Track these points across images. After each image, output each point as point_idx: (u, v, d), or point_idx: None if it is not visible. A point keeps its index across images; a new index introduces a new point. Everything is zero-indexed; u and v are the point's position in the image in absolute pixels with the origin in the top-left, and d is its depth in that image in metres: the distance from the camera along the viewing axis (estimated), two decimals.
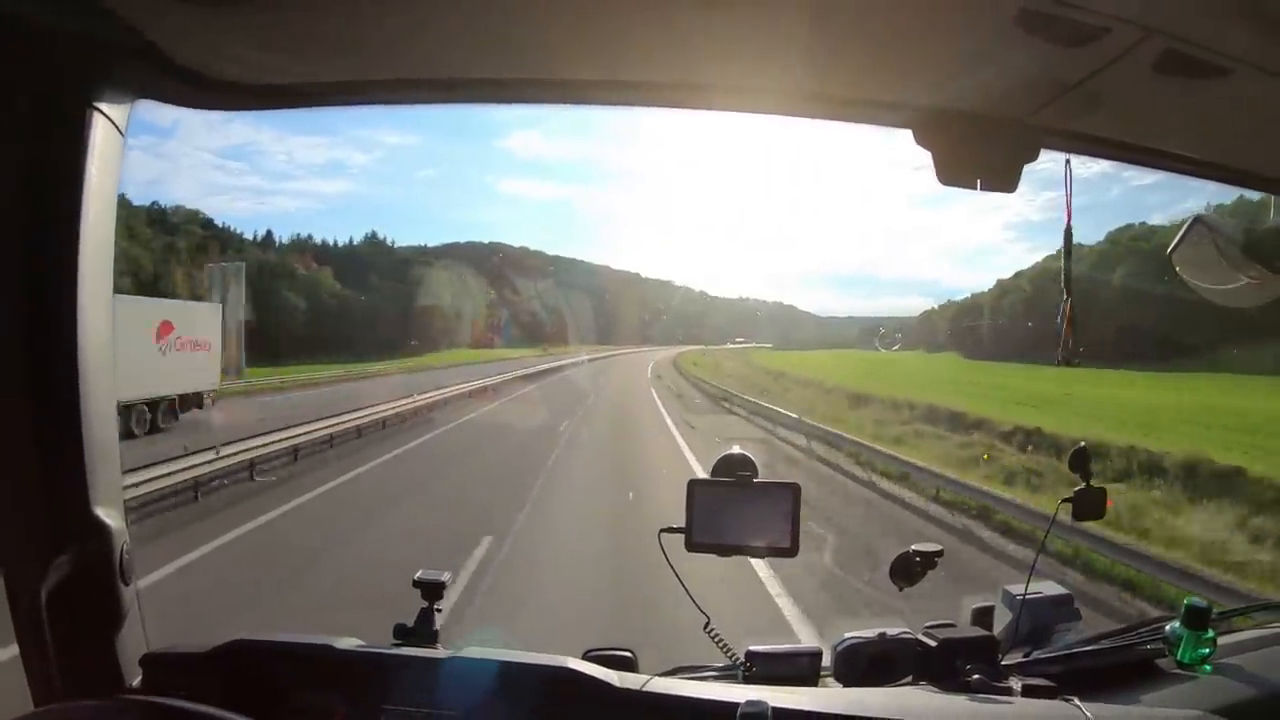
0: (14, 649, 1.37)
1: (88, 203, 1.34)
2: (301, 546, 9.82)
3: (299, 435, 16.37)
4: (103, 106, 1.35)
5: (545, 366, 44.78)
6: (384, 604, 2.02)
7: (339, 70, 1.50)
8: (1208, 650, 1.60)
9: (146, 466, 11.19)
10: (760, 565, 7.52)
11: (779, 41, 1.29)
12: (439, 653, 1.48)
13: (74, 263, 1.32)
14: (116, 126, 1.39)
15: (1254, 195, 1.79)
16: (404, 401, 23.46)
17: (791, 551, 1.53)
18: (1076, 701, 1.40)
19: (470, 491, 13.12)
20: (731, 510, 1.55)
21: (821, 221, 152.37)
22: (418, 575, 1.60)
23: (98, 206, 1.36)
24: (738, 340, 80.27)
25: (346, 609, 6.92)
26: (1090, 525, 7.76)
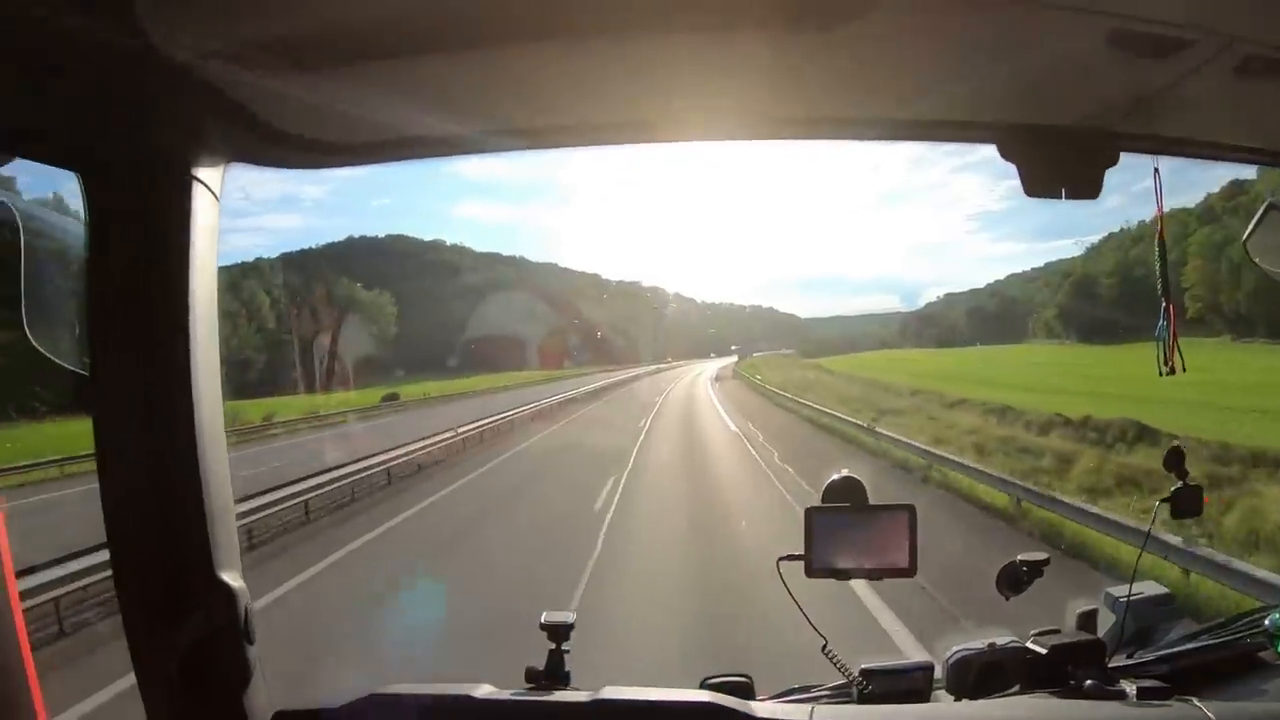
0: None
1: (193, 269, 1.35)
2: None
3: None
4: (199, 173, 1.38)
5: None
6: None
7: (414, 126, 1.53)
8: None
9: None
10: None
11: (884, 73, 1.34)
12: (580, 695, 1.48)
13: (185, 330, 1.34)
14: (212, 191, 1.41)
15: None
16: None
17: (910, 572, 1.54)
18: (1195, 701, 1.40)
19: None
20: (848, 534, 1.56)
21: (793, 225, 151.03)
22: (544, 618, 1.60)
23: (201, 272, 1.37)
24: (733, 349, 73.43)
25: None
26: None
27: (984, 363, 44.99)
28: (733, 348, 75.17)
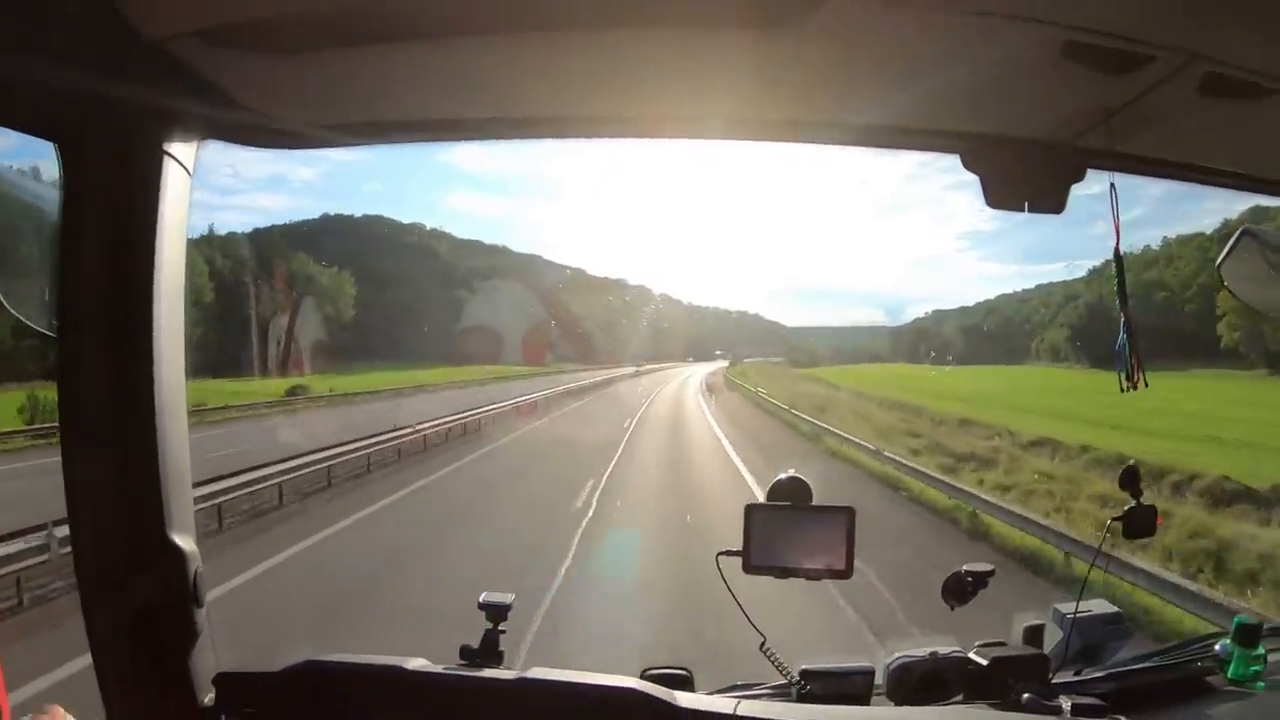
0: (78, 663, 1.38)
1: (161, 243, 1.38)
2: None
3: None
4: (172, 149, 1.41)
5: None
6: None
7: (387, 111, 1.57)
8: (1259, 668, 1.59)
9: None
10: None
11: (847, 76, 1.35)
12: (507, 673, 1.50)
13: (149, 300, 1.37)
14: (185, 167, 1.44)
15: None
16: None
17: (846, 573, 1.54)
18: None
19: None
20: (788, 533, 1.57)
21: (783, 233, 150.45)
22: (482, 598, 1.61)
23: (170, 246, 1.40)
24: (717, 353, 70.65)
25: None
26: None
27: (1002, 384, 41.99)
28: (717, 352, 72.76)
